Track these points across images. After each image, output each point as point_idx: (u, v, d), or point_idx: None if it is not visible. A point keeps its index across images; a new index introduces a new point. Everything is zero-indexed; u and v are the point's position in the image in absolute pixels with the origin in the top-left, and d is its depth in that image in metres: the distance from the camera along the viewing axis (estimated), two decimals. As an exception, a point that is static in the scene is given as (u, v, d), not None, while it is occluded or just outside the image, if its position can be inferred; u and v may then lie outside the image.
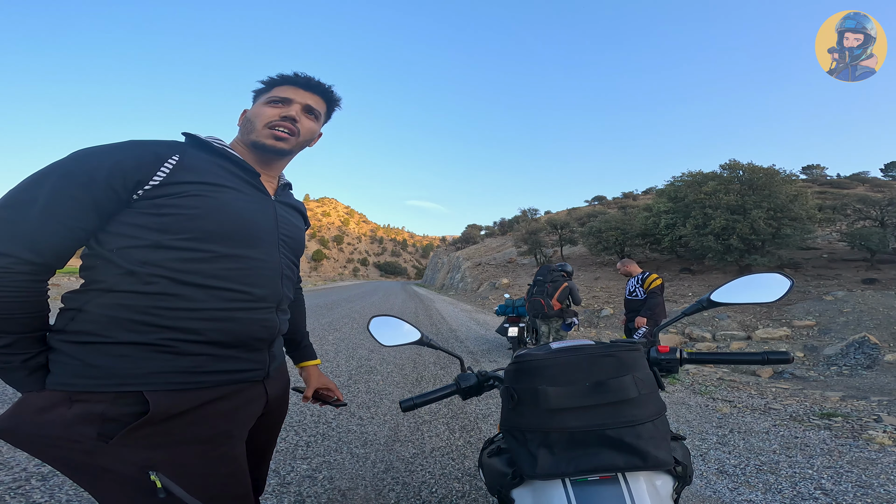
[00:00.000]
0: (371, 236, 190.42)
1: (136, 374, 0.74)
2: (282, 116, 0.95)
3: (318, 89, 1.02)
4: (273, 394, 0.97)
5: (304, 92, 0.99)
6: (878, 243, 15.17)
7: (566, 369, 0.77)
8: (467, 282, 29.40)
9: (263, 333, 0.89)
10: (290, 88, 0.98)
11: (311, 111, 1.00)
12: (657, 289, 4.84)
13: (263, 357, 0.91)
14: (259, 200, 0.92)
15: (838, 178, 43.97)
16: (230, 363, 0.84)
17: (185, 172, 0.82)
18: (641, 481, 0.71)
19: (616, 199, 52.71)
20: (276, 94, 0.97)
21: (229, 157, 0.91)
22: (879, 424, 3.35)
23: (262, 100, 0.98)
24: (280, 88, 0.98)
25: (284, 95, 0.97)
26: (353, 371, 4.84)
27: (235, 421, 0.86)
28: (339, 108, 1.10)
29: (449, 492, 2.21)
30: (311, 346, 1.31)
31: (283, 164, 1.03)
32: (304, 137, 1.00)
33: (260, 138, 0.94)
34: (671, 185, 20.73)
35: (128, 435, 0.73)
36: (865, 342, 8.43)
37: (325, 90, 1.03)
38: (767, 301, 0.86)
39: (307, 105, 0.99)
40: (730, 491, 2.29)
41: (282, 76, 0.99)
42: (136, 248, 0.77)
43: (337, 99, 1.07)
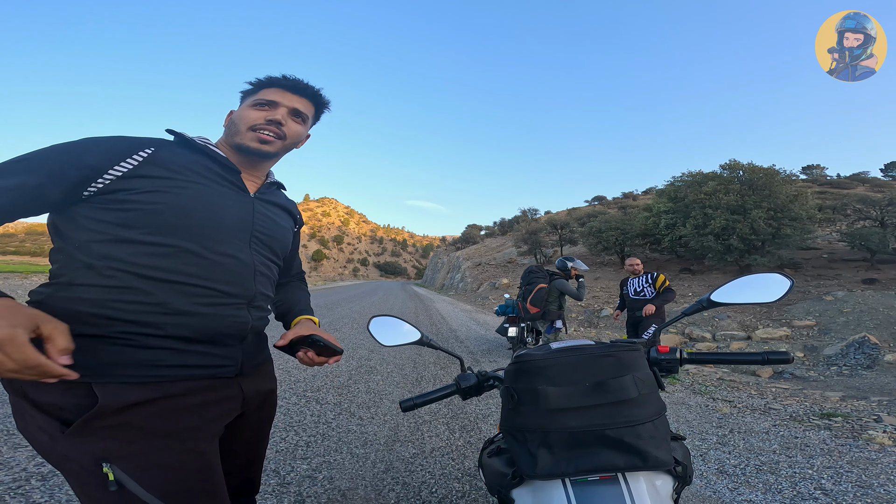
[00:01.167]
0: (371, 236, 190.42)
1: (87, 366, 0.73)
2: (267, 120, 0.95)
3: (307, 92, 1.01)
4: (251, 392, 0.95)
5: (292, 95, 0.99)
6: (878, 243, 15.16)
7: (566, 369, 0.77)
8: (467, 282, 29.40)
9: (232, 330, 0.87)
10: (277, 91, 0.98)
11: (299, 114, 1.00)
12: (670, 287, 4.93)
13: (234, 353, 0.90)
14: (235, 198, 0.92)
15: (838, 178, 43.96)
16: (195, 358, 0.83)
17: (152, 167, 0.82)
18: (641, 481, 0.71)
19: (616, 199, 52.70)
20: (263, 97, 0.96)
21: (210, 155, 0.91)
22: (879, 424, 3.35)
23: (248, 102, 0.97)
24: (267, 91, 0.97)
25: (271, 98, 0.96)
26: (353, 371, 4.84)
27: (203, 416, 0.84)
28: (328, 111, 1.10)
29: (449, 492, 2.21)
30: (310, 310, 1.19)
31: (268, 165, 1.03)
32: (291, 141, 0.99)
33: (244, 141, 0.94)
34: (671, 185, 20.72)
35: (83, 425, 0.73)
36: (865, 342, 8.43)
37: (313, 93, 1.03)
38: (767, 301, 0.86)
39: (294, 108, 0.99)
40: (730, 491, 2.29)
41: (269, 78, 0.99)
42: (98, 243, 0.78)
43: (325, 102, 1.07)
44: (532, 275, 5.45)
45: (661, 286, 4.90)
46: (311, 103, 1.04)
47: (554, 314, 5.29)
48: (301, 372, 4.66)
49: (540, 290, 5.25)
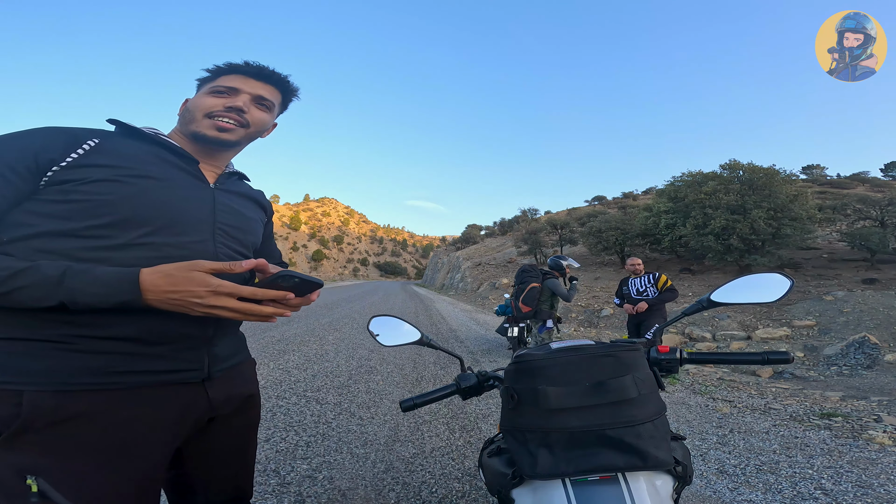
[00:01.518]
0: (371, 236, 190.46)
1: (19, 372, 0.67)
2: (226, 107, 0.89)
3: (272, 79, 0.97)
4: (220, 398, 0.88)
5: (255, 82, 0.94)
6: (878, 243, 15.16)
7: (566, 369, 0.77)
8: (467, 282, 29.40)
9: (194, 330, 0.80)
10: (238, 78, 0.93)
11: (263, 101, 0.95)
12: (673, 286, 4.93)
13: (198, 356, 0.82)
14: (193, 188, 0.86)
15: (838, 178, 43.96)
16: (150, 362, 0.76)
17: (99, 156, 0.77)
18: (641, 481, 0.71)
19: (616, 199, 52.70)
20: (222, 84, 0.91)
21: (162, 144, 0.86)
22: (879, 424, 3.35)
23: (206, 89, 0.92)
24: (227, 77, 0.93)
25: (231, 85, 0.91)
26: (353, 371, 4.84)
27: (156, 426, 0.77)
28: (298, 99, 1.05)
29: (449, 492, 2.21)
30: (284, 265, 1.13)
31: (229, 154, 0.98)
32: (255, 129, 0.95)
33: (200, 129, 0.89)
34: (671, 185, 20.73)
35: (11, 439, 0.66)
36: (865, 342, 8.43)
37: (279, 80, 0.98)
38: (767, 301, 0.86)
39: (258, 95, 0.94)
40: (730, 491, 2.29)
41: (230, 64, 0.93)
42: (36, 238, 0.71)
43: (293, 89, 1.02)
44: (525, 274, 5.45)
45: (664, 286, 4.90)
46: (277, 90, 0.99)
47: (545, 314, 5.25)
48: (301, 372, 4.67)
49: (532, 290, 5.25)
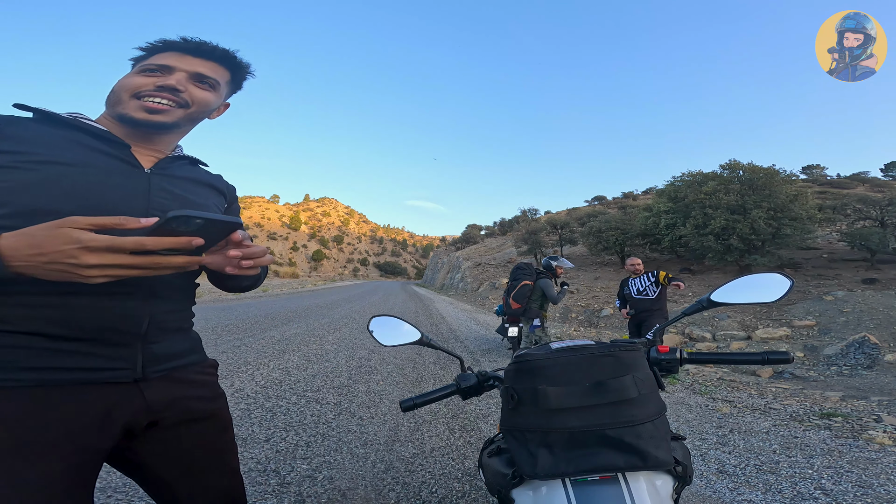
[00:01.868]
0: (371, 236, 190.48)
1: None
2: (157, 86, 0.82)
3: (214, 55, 0.89)
4: (162, 401, 0.80)
5: (193, 58, 0.87)
6: (878, 243, 15.17)
7: (566, 369, 0.77)
8: (467, 282, 29.40)
9: (119, 324, 0.74)
10: (172, 55, 0.86)
11: (204, 80, 0.88)
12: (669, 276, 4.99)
13: (130, 354, 0.76)
14: (121, 174, 0.79)
15: (838, 178, 43.97)
16: (67, 359, 0.70)
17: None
18: (641, 481, 0.71)
19: (616, 199, 52.71)
20: (154, 62, 0.84)
21: (83, 129, 0.79)
22: (879, 424, 3.35)
23: (137, 68, 0.85)
24: (160, 55, 0.86)
25: (163, 63, 0.84)
26: (353, 371, 4.84)
27: (70, 428, 0.70)
28: (252, 76, 0.98)
29: (449, 492, 2.21)
30: None
31: (171, 137, 0.90)
32: (197, 109, 0.88)
33: (127, 111, 0.82)
34: (671, 185, 20.74)
35: None
36: (865, 342, 8.43)
37: (222, 55, 0.90)
38: (767, 301, 0.86)
39: (196, 73, 0.87)
40: (730, 491, 2.29)
41: (164, 41, 0.87)
42: None
43: (243, 65, 0.95)
44: (519, 271, 5.49)
45: (665, 279, 4.95)
46: (224, 67, 0.92)
47: (534, 312, 5.27)
48: (301, 372, 4.67)
49: (523, 287, 5.29)
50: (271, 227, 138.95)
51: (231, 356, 5.24)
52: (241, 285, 0.97)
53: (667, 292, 5.08)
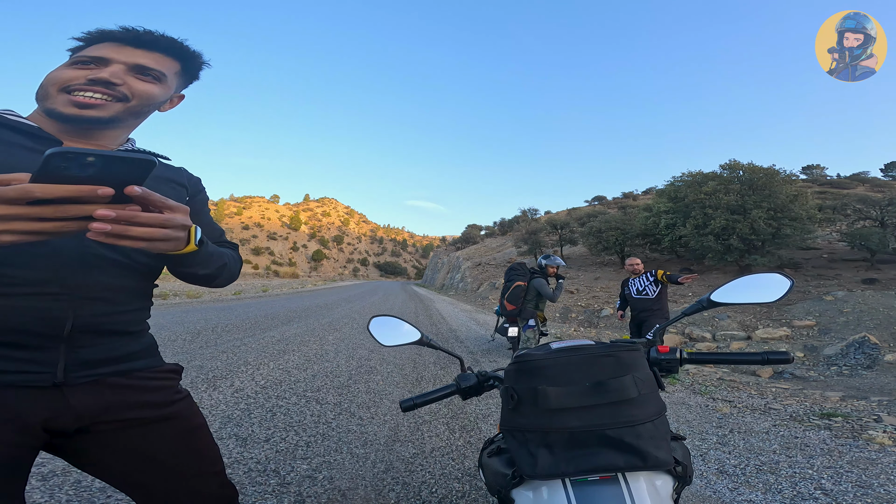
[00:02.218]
0: (371, 236, 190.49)
1: None
2: (89, 79, 0.77)
3: (157, 45, 0.84)
4: (92, 408, 0.76)
5: (133, 49, 0.82)
6: (878, 243, 15.17)
7: (566, 369, 0.77)
8: (467, 282, 29.40)
9: (39, 326, 0.70)
10: (109, 46, 0.81)
11: (146, 71, 0.82)
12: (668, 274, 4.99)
13: (48, 357, 0.72)
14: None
15: (838, 178, 43.98)
16: None
17: None
18: (641, 481, 0.71)
19: (616, 199, 52.73)
20: (88, 54, 0.79)
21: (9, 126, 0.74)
22: (879, 424, 3.35)
23: (70, 60, 0.80)
24: (97, 47, 0.81)
25: (98, 55, 0.79)
26: (353, 371, 4.84)
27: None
28: (208, 66, 0.92)
29: (449, 492, 2.21)
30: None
31: (113, 133, 0.84)
32: (139, 102, 0.82)
33: (55, 106, 0.76)
34: (671, 185, 20.75)
35: None
36: (865, 342, 8.43)
37: (167, 45, 0.85)
38: (767, 301, 0.86)
39: (137, 65, 0.81)
40: (730, 491, 2.29)
41: (101, 31, 0.81)
42: None
43: (193, 54, 0.89)
44: (513, 272, 5.44)
45: (663, 277, 4.95)
46: (171, 58, 0.86)
47: (529, 312, 5.22)
48: (301, 372, 4.67)
49: (517, 288, 5.26)
50: (271, 227, 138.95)
51: (231, 356, 5.24)
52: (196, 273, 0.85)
53: (667, 291, 5.09)
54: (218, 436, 2.73)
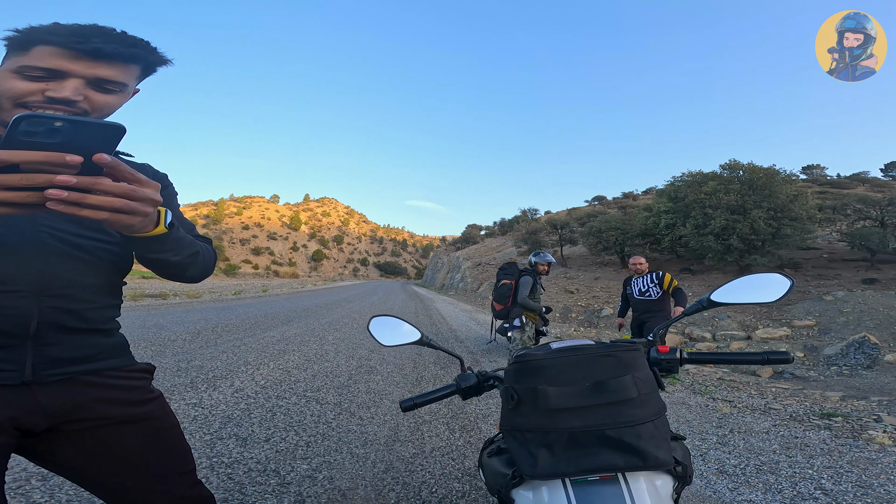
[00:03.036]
0: (371, 236, 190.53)
1: None
2: (49, 97, 0.69)
3: (119, 57, 0.74)
4: (60, 407, 0.74)
5: (91, 61, 0.71)
6: (878, 243, 15.18)
7: (566, 369, 0.77)
8: (467, 282, 29.41)
9: (3, 324, 0.68)
10: (63, 54, 0.70)
11: (106, 85, 0.74)
12: (680, 287, 4.79)
13: (16, 356, 0.70)
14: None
15: (838, 178, 44.01)
16: None
17: None
18: (641, 481, 0.71)
19: (616, 199, 52.76)
20: (39, 63, 0.69)
21: None
22: (879, 424, 3.35)
23: (13, 65, 0.70)
24: (45, 52, 0.69)
25: (51, 66, 0.69)
26: (353, 371, 4.84)
27: None
28: (171, 64, 0.84)
29: (449, 492, 2.21)
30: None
31: None
32: (97, 116, 0.76)
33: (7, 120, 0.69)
34: (671, 185, 20.76)
35: None
36: (865, 342, 8.43)
37: (129, 56, 0.75)
38: (767, 301, 0.86)
39: (97, 78, 0.72)
40: (730, 491, 2.29)
41: (49, 32, 0.70)
42: None
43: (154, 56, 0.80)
44: (502, 272, 5.33)
45: (670, 286, 4.74)
46: (132, 65, 0.78)
47: (516, 312, 5.04)
48: (301, 372, 4.67)
49: (503, 287, 5.13)
50: (271, 227, 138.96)
51: (231, 356, 5.24)
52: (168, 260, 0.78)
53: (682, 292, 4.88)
54: (218, 436, 2.73)
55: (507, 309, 5.17)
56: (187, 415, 3.08)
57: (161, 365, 4.52)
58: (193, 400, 3.43)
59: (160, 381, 3.90)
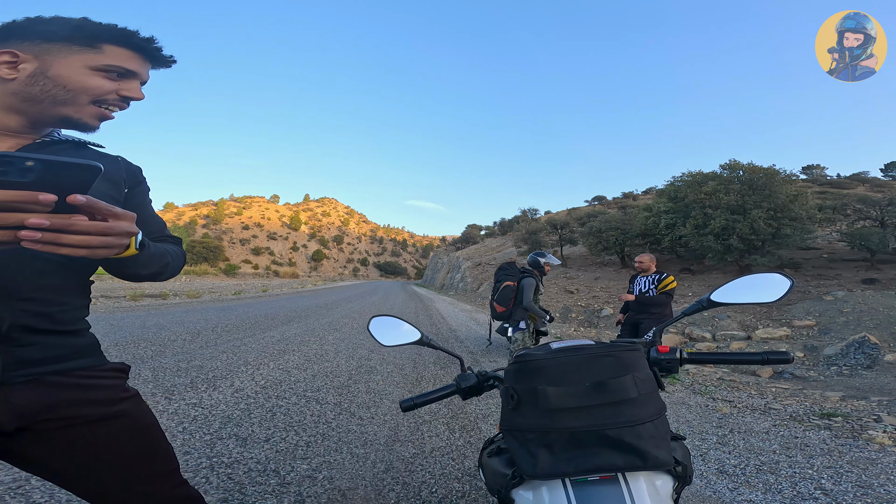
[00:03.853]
0: (371, 236, 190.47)
1: None
2: (123, 97, 0.75)
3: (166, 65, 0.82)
4: (31, 407, 0.75)
5: (147, 63, 0.79)
6: (878, 243, 15.18)
7: (566, 369, 0.77)
8: (467, 282, 29.41)
9: None
10: (136, 58, 0.76)
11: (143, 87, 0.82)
12: (672, 291, 4.73)
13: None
14: None
15: (838, 178, 44.01)
16: None
17: None
18: (641, 481, 0.71)
19: (616, 199, 52.76)
20: (120, 63, 0.75)
21: None
22: (879, 424, 3.35)
23: (91, 61, 0.73)
24: (120, 52, 0.75)
25: (128, 67, 0.76)
26: (353, 371, 4.84)
27: None
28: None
29: (449, 492, 2.21)
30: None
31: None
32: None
33: (82, 117, 0.74)
34: (671, 185, 20.76)
35: None
36: (865, 342, 8.43)
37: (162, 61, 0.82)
38: (767, 301, 0.86)
39: (144, 81, 0.80)
40: (730, 491, 2.29)
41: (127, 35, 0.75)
42: None
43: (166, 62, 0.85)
44: (502, 272, 5.16)
45: (664, 288, 4.70)
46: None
47: (520, 314, 4.91)
48: (301, 372, 4.67)
49: (506, 289, 4.96)
50: (271, 227, 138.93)
51: (231, 356, 5.24)
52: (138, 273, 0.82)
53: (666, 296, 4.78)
54: (218, 436, 2.73)
55: (510, 311, 5.05)
56: (187, 415, 3.08)
57: (161, 365, 4.52)
58: (193, 400, 3.43)
59: (160, 380, 3.91)
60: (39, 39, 0.73)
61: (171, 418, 2.98)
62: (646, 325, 4.71)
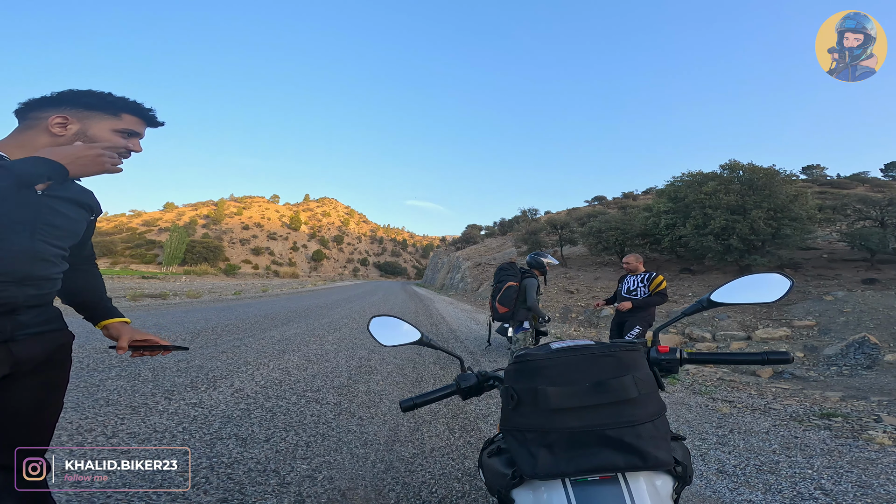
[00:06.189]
0: (371, 236, 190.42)
1: None
2: (129, 150, 1.09)
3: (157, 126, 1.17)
4: (24, 356, 1.02)
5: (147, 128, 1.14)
6: (878, 243, 15.18)
7: (566, 369, 0.77)
8: (467, 282, 29.41)
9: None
10: (140, 122, 1.11)
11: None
12: (664, 290, 4.62)
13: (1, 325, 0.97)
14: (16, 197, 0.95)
15: (838, 178, 44.01)
16: None
17: None
18: (641, 481, 0.71)
19: (616, 199, 52.76)
20: (133, 128, 1.09)
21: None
22: (879, 424, 3.35)
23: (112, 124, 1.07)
24: (131, 119, 1.09)
25: (136, 129, 1.11)
26: (353, 371, 4.84)
27: None
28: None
29: (449, 492, 2.21)
30: (112, 308, 1.31)
31: None
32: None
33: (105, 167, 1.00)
34: (671, 185, 20.76)
35: None
36: (865, 342, 8.42)
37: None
38: (767, 301, 0.86)
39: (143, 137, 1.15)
40: (730, 491, 2.29)
41: (137, 107, 1.10)
42: None
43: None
44: (503, 272, 5.16)
45: (657, 288, 4.60)
46: None
47: (522, 314, 4.92)
48: (301, 372, 4.67)
49: (509, 289, 4.95)
50: (271, 227, 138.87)
51: (231, 356, 5.24)
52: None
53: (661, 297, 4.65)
54: (218, 436, 2.73)
55: (512, 311, 5.00)
56: (187, 415, 3.08)
57: (161, 365, 4.52)
58: (193, 400, 3.43)
59: (160, 381, 3.91)
60: (82, 108, 1.04)
61: (171, 418, 2.98)
62: (630, 323, 4.59)
